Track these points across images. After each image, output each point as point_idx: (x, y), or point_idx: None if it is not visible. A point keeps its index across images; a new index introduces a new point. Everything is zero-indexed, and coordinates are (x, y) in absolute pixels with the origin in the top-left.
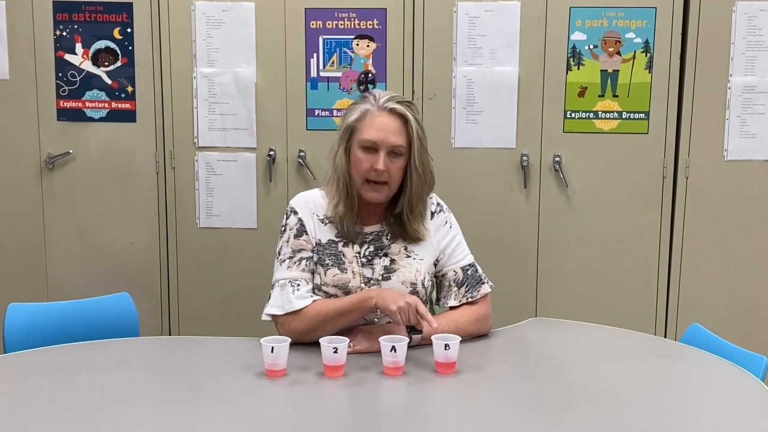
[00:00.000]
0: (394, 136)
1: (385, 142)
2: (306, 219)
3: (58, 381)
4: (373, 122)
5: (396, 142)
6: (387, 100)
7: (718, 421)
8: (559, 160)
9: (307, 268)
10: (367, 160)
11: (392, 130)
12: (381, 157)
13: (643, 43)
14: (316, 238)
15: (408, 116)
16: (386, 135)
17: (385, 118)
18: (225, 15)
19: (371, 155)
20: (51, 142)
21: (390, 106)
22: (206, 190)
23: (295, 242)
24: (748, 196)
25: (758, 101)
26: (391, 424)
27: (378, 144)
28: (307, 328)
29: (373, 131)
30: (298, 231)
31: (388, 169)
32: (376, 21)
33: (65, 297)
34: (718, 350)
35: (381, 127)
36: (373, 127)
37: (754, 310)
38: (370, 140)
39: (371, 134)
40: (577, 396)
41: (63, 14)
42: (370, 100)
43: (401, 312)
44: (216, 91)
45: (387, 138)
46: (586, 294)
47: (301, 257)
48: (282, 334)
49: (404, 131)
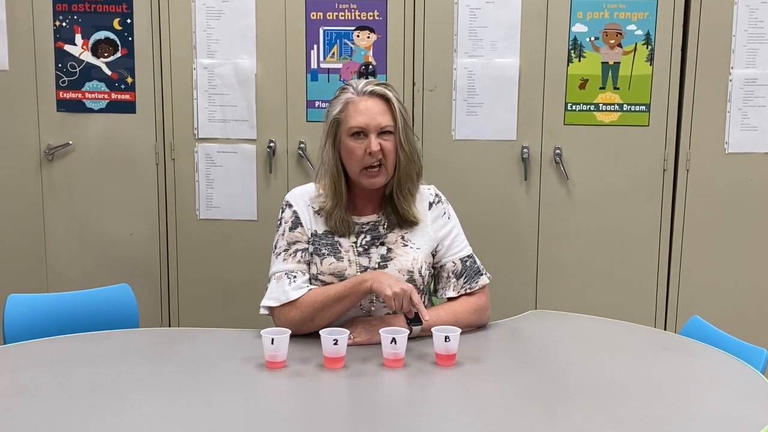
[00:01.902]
0: (380, 116)
1: (373, 124)
2: (301, 211)
3: (57, 372)
4: (357, 108)
5: (384, 122)
6: (365, 85)
7: (718, 413)
8: (560, 152)
9: (302, 259)
10: (359, 146)
11: (377, 111)
12: (372, 139)
13: (644, 36)
14: (312, 229)
15: (389, 95)
16: (372, 117)
17: (367, 102)
18: (225, 6)
19: (362, 141)
20: (51, 134)
21: (369, 89)
22: (206, 182)
23: (291, 235)
24: (749, 189)
25: (759, 94)
26: (391, 415)
27: (366, 127)
28: (304, 317)
29: (358, 117)
30: (293, 224)
31: (381, 149)
32: (376, 12)
33: (65, 288)
34: (718, 343)
35: (365, 111)
36: (358, 113)
37: (754, 302)
38: (357, 126)
39: (357, 120)
40: (576, 388)
41: (62, 5)
42: (349, 90)
43: (396, 297)
44: (216, 82)
45: (374, 119)
46: (586, 286)
47: (297, 249)
48: (279, 326)
49: (388, 110)
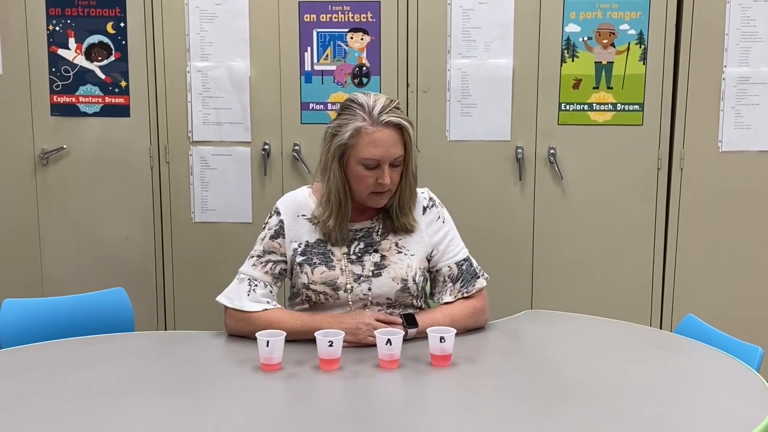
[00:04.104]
0: (394, 148)
1: (387, 156)
2: (288, 222)
3: (53, 376)
4: (372, 139)
5: (397, 152)
6: (380, 113)
7: (713, 411)
8: (554, 152)
9: (270, 271)
10: (371, 175)
11: (391, 143)
12: (386, 171)
13: (637, 35)
14: (300, 240)
15: (403, 125)
16: (387, 149)
17: (382, 134)
18: (218, 9)
19: (374, 171)
20: (45, 138)
21: (385, 119)
22: (201, 185)
23: (269, 243)
24: (743, 188)
25: (752, 92)
26: (387, 417)
27: (381, 160)
28: (252, 330)
29: (373, 149)
30: (276, 233)
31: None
32: (370, 14)
33: (60, 292)
34: (713, 341)
35: (380, 143)
36: (373, 145)
37: (748, 300)
38: (372, 159)
39: (372, 153)
40: (572, 387)
41: (56, 9)
42: (361, 114)
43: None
44: (210, 85)
45: (388, 152)
46: (582, 286)
47: (269, 259)
48: (227, 324)
49: (401, 140)
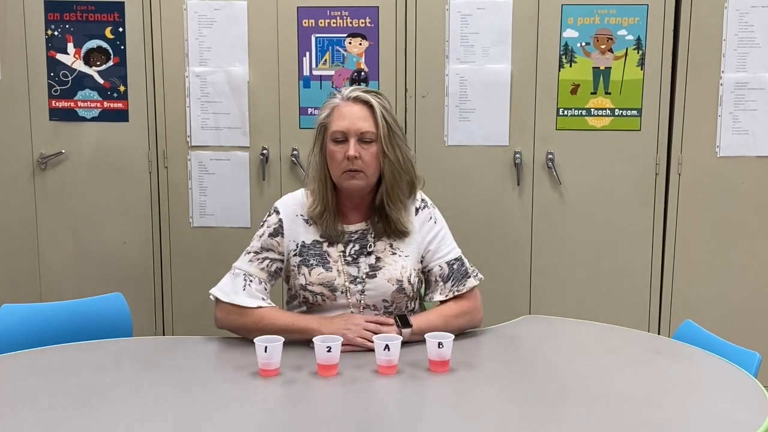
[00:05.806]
0: (361, 122)
1: (352, 129)
2: (287, 221)
3: (51, 382)
4: (341, 113)
5: (363, 128)
6: (351, 90)
7: (711, 417)
8: (552, 157)
9: (266, 268)
10: (340, 151)
11: (358, 116)
12: (351, 144)
13: (635, 40)
14: (298, 240)
15: (372, 102)
16: (352, 122)
17: (350, 107)
18: (217, 14)
19: (343, 146)
20: (43, 142)
21: (354, 95)
22: (199, 190)
23: (267, 240)
24: (741, 193)
25: (750, 97)
26: (385, 422)
27: (346, 132)
28: (245, 327)
29: (340, 122)
30: (275, 231)
31: (360, 156)
32: (368, 19)
33: (58, 297)
34: (711, 347)
35: (347, 115)
36: (340, 118)
37: (746, 306)
38: (338, 131)
39: (339, 125)
40: (570, 393)
41: (54, 14)
42: (337, 96)
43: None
44: (209, 90)
45: (354, 124)
46: (580, 291)
47: (266, 257)
48: (217, 317)
49: (371, 117)
